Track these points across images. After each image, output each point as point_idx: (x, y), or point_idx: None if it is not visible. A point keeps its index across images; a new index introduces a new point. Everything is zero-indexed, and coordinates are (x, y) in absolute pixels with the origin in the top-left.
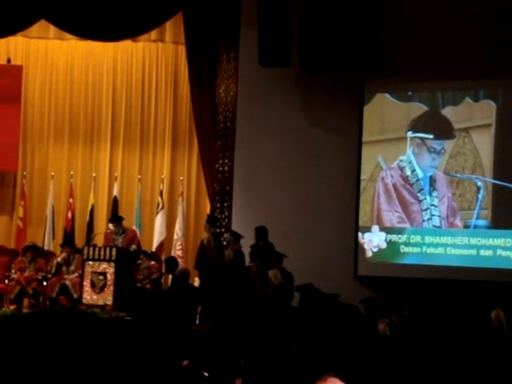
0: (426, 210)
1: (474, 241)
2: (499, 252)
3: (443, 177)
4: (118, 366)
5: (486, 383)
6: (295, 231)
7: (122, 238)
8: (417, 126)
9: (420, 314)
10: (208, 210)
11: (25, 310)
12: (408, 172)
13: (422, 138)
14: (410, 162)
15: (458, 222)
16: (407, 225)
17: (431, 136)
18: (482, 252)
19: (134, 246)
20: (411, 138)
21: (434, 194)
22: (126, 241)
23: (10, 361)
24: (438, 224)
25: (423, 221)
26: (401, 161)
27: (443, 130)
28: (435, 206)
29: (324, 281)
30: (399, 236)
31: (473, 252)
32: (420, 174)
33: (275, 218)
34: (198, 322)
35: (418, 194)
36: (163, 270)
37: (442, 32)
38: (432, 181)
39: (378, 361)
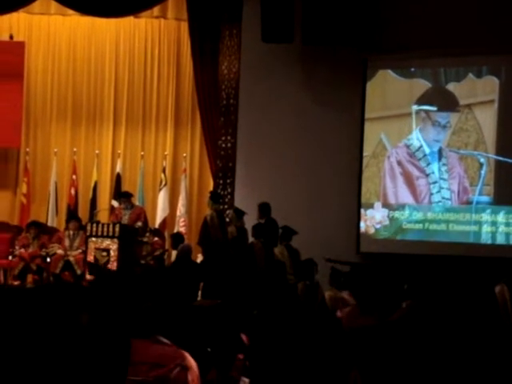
0: (434, 183)
1: (476, 217)
2: (501, 228)
3: (453, 154)
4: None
5: (490, 357)
6: (298, 207)
7: (128, 215)
8: (422, 99)
9: (420, 287)
10: (211, 187)
11: (29, 286)
12: (415, 148)
13: (426, 111)
14: (416, 139)
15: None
16: (411, 200)
17: (435, 108)
18: (485, 228)
19: (139, 223)
20: (417, 114)
21: (444, 168)
22: (132, 217)
23: (11, 334)
24: (448, 196)
25: (431, 194)
26: (408, 139)
27: (448, 103)
28: (445, 180)
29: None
30: (402, 212)
31: (475, 228)
32: (427, 150)
33: (278, 195)
34: (200, 298)
35: (426, 168)
36: (167, 246)
37: (445, 8)
38: (441, 156)
39: (378, 336)
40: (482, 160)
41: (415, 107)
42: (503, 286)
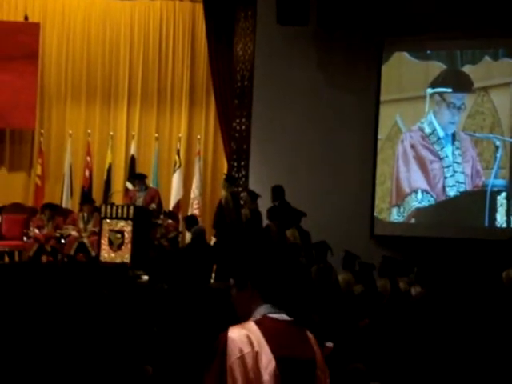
0: (448, 167)
1: (491, 200)
2: None
3: (466, 137)
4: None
5: (496, 341)
6: (312, 190)
7: (143, 196)
8: (436, 82)
9: (431, 272)
10: (225, 169)
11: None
12: (428, 131)
13: (441, 94)
14: (430, 123)
15: (481, 184)
16: (425, 184)
17: (450, 90)
18: (500, 211)
19: (153, 205)
20: (431, 97)
21: (457, 152)
22: (146, 199)
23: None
24: (462, 180)
25: (445, 178)
26: (421, 122)
27: (462, 84)
28: (458, 164)
29: (340, 240)
30: (415, 196)
31: (490, 212)
32: (441, 133)
33: (292, 177)
34: (213, 280)
35: (439, 152)
36: (181, 229)
37: None
38: (454, 139)
39: (399, 315)
40: (497, 143)
41: (429, 90)
42: (509, 270)
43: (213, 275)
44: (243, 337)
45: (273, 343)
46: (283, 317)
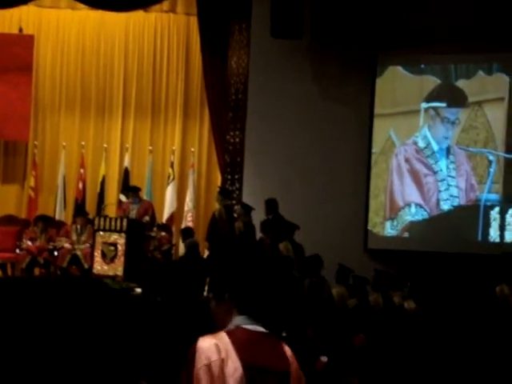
0: (442, 180)
1: (484, 215)
2: (510, 226)
3: (460, 151)
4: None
5: (492, 357)
6: (305, 203)
7: (136, 209)
8: (430, 96)
9: (424, 286)
10: (219, 182)
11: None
12: (422, 145)
13: (435, 108)
14: (424, 137)
15: (474, 198)
16: (419, 198)
17: (444, 104)
18: (493, 226)
19: (146, 218)
20: (425, 111)
21: (451, 166)
22: (140, 212)
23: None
24: (456, 194)
25: (439, 191)
26: (415, 136)
27: (456, 98)
28: (452, 177)
29: (334, 254)
30: (409, 210)
31: (483, 226)
32: (435, 147)
33: (285, 190)
34: (206, 293)
35: (434, 166)
36: (174, 241)
37: (455, 4)
38: (448, 153)
39: (395, 329)
40: (491, 158)
41: (424, 104)
42: (502, 285)
43: (206, 288)
44: (212, 346)
45: (241, 352)
46: (257, 328)
